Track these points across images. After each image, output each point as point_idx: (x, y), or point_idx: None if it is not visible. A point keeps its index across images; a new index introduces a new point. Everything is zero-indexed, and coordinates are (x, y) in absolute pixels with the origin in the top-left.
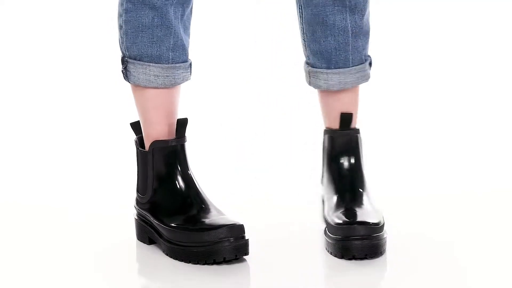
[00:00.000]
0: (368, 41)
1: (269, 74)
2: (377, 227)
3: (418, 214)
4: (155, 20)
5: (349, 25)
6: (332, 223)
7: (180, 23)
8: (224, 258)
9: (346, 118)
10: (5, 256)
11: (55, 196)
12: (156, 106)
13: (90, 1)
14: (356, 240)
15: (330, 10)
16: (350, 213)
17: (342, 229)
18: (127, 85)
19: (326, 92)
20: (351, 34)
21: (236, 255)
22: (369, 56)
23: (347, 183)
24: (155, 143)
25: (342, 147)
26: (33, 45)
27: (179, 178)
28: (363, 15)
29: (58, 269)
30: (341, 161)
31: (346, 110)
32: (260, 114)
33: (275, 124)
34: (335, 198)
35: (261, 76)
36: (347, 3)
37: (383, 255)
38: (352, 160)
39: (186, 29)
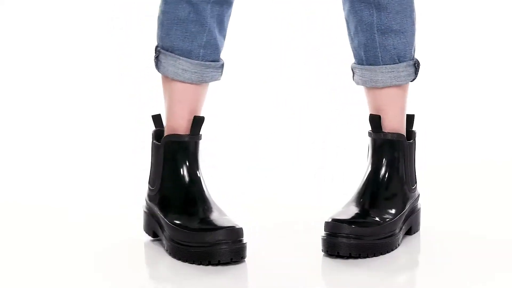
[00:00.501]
0: (405, 42)
1: (278, 73)
2: (367, 229)
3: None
4: (191, 15)
5: (375, 21)
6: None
7: (216, 22)
8: (219, 261)
9: (373, 120)
10: (5, 256)
11: (55, 196)
12: (181, 100)
13: (90, 1)
14: (342, 237)
15: (358, 5)
16: (346, 211)
17: (330, 225)
18: (127, 86)
19: (366, 89)
20: (377, 31)
21: (231, 259)
22: (412, 59)
23: (366, 185)
24: (168, 137)
25: (371, 149)
26: (33, 45)
27: (186, 174)
28: (389, 13)
29: (58, 269)
30: (368, 163)
31: (378, 110)
32: (269, 114)
33: (284, 123)
34: (351, 196)
35: (269, 76)
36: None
37: (390, 254)
38: (376, 165)
39: (223, 29)
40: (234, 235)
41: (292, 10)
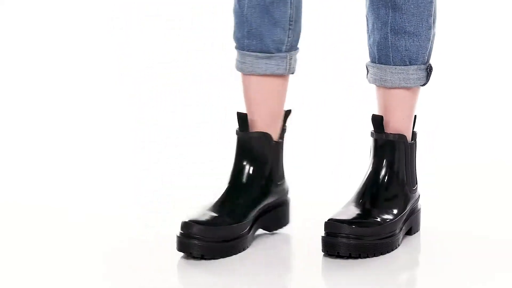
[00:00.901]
0: (418, 45)
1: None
2: (367, 229)
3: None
4: (235, 6)
5: (389, 21)
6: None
7: (258, 12)
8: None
9: (375, 120)
10: (5, 256)
11: (55, 196)
12: (244, 89)
13: (90, 1)
14: (342, 237)
15: (376, 3)
16: (345, 211)
17: (330, 225)
18: (126, 85)
19: (376, 88)
20: (390, 30)
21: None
22: (424, 63)
23: (366, 185)
24: (236, 130)
25: (373, 150)
26: (33, 45)
27: (233, 167)
28: (403, 14)
29: (58, 269)
30: (369, 163)
31: (385, 110)
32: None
33: (301, 120)
34: (351, 196)
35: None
36: None
37: (390, 254)
38: (376, 165)
39: (271, 18)
40: (185, 227)
41: (309, 7)
